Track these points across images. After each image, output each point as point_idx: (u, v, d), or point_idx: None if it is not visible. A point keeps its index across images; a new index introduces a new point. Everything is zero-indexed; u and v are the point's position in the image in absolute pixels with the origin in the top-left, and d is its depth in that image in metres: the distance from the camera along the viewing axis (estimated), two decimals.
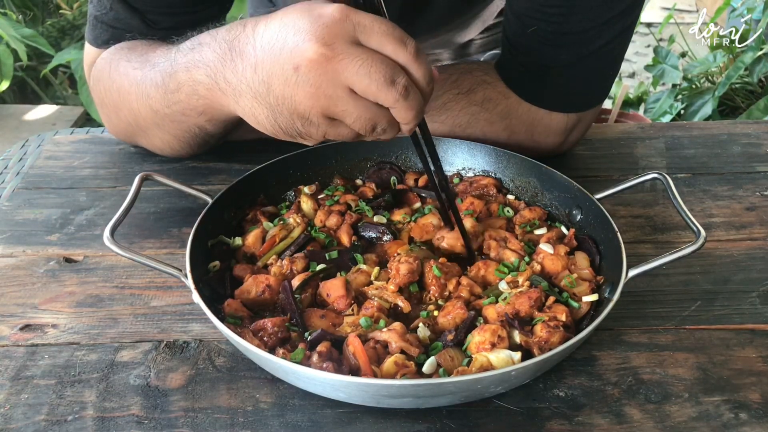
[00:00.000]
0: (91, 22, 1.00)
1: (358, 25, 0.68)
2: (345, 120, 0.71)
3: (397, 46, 0.68)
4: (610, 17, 0.92)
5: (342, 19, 0.68)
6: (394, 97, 0.68)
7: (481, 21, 1.34)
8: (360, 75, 0.67)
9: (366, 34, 0.68)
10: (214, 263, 0.81)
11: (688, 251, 0.72)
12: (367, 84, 0.67)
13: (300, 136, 0.75)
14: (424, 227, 0.87)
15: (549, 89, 0.99)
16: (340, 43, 0.67)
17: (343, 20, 0.68)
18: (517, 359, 0.67)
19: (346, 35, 0.68)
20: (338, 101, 0.69)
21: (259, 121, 0.76)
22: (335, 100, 0.69)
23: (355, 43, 0.68)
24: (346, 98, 0.69)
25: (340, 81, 0.68)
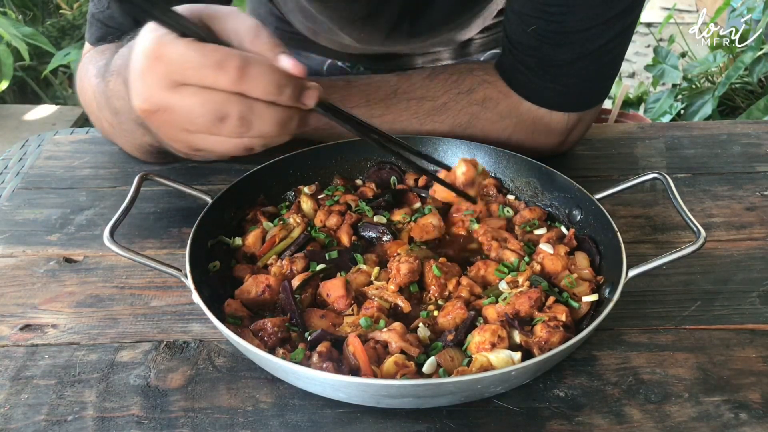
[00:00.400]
0: (89, 19, 1.01)
1: (170, 66, 0.65)
2: (206, 149, 0.71)
3: (216, 75, 0.65)
4: (611, 16, 0.92)
5: (152, 67, 0.66)
6: (232, 132, 0.67)
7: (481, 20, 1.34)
8: (188, 121, 0.67)
9: (180, 73, 0.65)
10: (214, 263, 0.81)
11: (688, 251, 0.72)
12: (199, 126, 0.67)
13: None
14: (424, 227, 0.87)
15: (549, 88, 0.99)
16: (157, 98, 0.67)
17: (154, 66, 0.66)
18: (517, 359, 0.67)
19: (161, 84, 0.67)
20: (190, 141, 0.70)
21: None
22: (185, 141, 0.70)
23: (173, 87, 0.66)
24: (193, 138, 0.69)
25: (176, 128, 0.68)
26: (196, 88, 0.66)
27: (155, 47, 0.66)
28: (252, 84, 0.66)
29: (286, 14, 1.39)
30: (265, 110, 0.68)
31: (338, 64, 1.43)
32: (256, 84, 0.66)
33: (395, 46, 1.31)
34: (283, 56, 0.67)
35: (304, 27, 1.37)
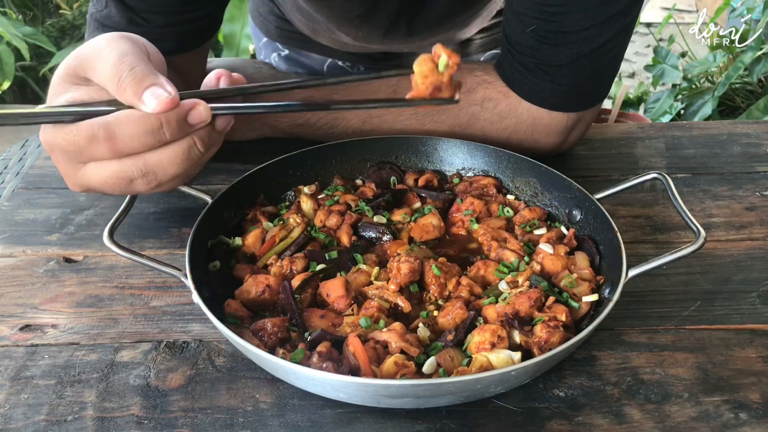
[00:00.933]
0: (88, 20, 1.01)
1: (64, 154, 0.70)
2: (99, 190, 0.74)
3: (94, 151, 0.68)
4: (610, 16, 0.92)
5: (55, 159, 0.73)
6: (147, 187, 0.71)
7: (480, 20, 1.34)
8: (110, 190, 0.73)
9: (73, 157, 0.70)
10: (214, 263, 0.80)
11: (688, 251, 0.72)
12: (120, 191, 0.72)
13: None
14: (424, 227, 0.87)
15: (549, 88, 0.99)
16: (78, 181, 0.73)
17: (56, 158, 0.72)
18: (517, 359, 0.67)
19: (71, 170, 0.72)
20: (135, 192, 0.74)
21: None
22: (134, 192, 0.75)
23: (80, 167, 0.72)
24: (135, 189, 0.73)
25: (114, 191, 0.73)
26: (95, 163, 0.70)
27: (45, 144, 0.71)
28: (126, 144, 0.67)
29: (287, 13, 1.39)
30: (159, 157, 0.69)
31: (338, 63, 1.44)
32: (130, 142, 0.67)
33: (394, 44, 1.31)
34: (148, 96, 0.66)
35: (303, 26, 1.37)
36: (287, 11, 1.38)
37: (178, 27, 0.96)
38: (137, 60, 0.68)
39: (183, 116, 0.68)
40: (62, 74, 0.72)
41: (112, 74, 0.67)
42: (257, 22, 1.51)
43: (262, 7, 1.47)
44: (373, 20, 1.20)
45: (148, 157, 0.69)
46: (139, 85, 0.66)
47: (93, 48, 0.70)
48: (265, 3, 1.45)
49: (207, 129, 0.70)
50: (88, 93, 0.70)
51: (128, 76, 0.67)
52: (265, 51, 1.52)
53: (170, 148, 0.69)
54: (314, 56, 1.44)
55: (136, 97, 0.66)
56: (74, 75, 0.71)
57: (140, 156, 0.68)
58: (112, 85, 0.67)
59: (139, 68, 0.67)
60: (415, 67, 0.73)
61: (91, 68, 0.69)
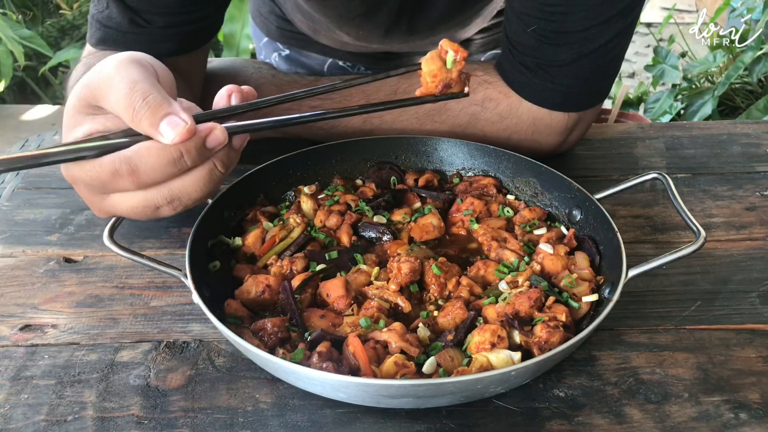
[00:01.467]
0: (89, 21, 1.00)
1: (88, 185, 0.71)
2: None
3: (118, 184, 0.68)
4: (611, 16, 0.92)
5: (79, 190, 0.73)
6: (172, 212, 0.71)
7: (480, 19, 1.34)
8: (136, 217, 0.73)
9: (98, 188, 0.71)
10: (214, 263, 0.80)
11: (688, 251, 0.72)
12: (147, 218, 0.73)
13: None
14: (424, 227, 0.87)
15: (550, 88, 0.99)
16: (103, 209, 0.74)
17: (80, 190, 0.73)
18: (517, 359, 0.67)
19: (95, 198, 0.73)
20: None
21: None
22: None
23: (104, 197, 0.72)
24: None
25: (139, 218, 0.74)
26: (119, 194, 0.70)
27: (68, 177, 0.72)
28: (149, 177, 0.67)
29: (287, 13, 1.39)
30: (183, 183, 0.69)
31: (339, 63, 1.44)
32: (153, 174, 0.67)
33: (394, 44, 1.31)
34: (163, 126, 0.66)
35: (304, 25, 1.37)
36: (288, 11, 1.38)
37: (178, 28, 0.96)
38: (149, 87, 0.67)
39: (201, 143, 0.67)
40: (75, 105, 0.71)
41: (125, 105, 0.66)
42: (258, 22, 1.51)
43: (262, 7, 1.47)
44: (374, 20, 1.20)
45: (171, 185, 0.69)
46: (154, 115, 0.66)
47: (102, 76, 0.69)
48: (265, 3, 1.45)
49: (225, 150, 0.70)
50: (104, 123, 0.70)
51: (142, 107, 0.66)
52: (265, 51, 1.53)
53: (192, 174, 0.69)
54: (315, 56, 1.44)
55: (153, 128, 0.66)
56: (87, 105, 0.71)
57: (164, 185, 0.69)
58: (127, 116, 0.67)
59: (152, 97, 0.67)
60: (424, 66, 0.73)
61: (104, 97, 0.69)
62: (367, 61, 1.42)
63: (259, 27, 1.51)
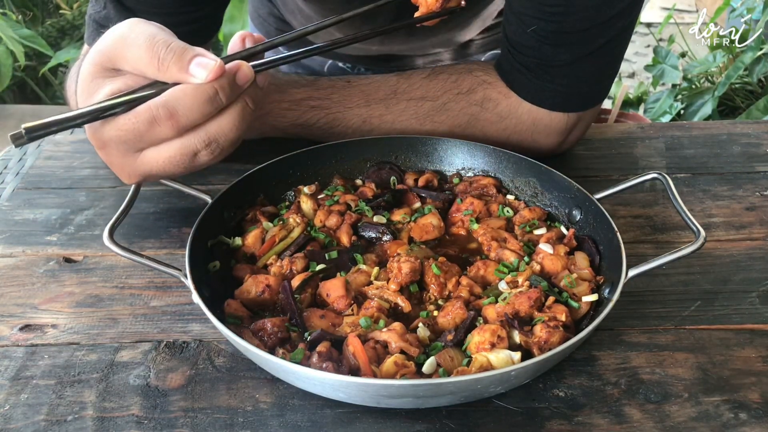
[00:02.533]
0: (87, 21, 1.00)
1: (118, 146, 0.70)
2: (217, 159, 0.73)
3: (156, 133, 0.67)
4: (610, 16, 0.92)
5: (107, 156, 0.72)
6: (212, 157, 0.71)
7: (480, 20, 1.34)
8: (174, 171, 0.72)
9: (130, 146, 0.70)
10: (214, 263, 0.81)
11: (688, 251, 0.72)
12: (185, 170, 0.72)
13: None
14: (423, 227, 0.87)
15: (549, 89, 0.99)
16: (136, 172, 0.72)
17: (108, 155, 0.72)
18: (516, 359, 0.67)
19: (126, 162, 0.72)
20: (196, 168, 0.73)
21: None
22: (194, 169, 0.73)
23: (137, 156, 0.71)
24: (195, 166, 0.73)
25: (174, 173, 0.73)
26: (154, 148, 0.69)
27: (96, 142, 0.70)
28: (188, 118, 0.67)
29: (286, 15, 1.39)
30: (220, 123, 0.69)
31: (338, 64, 1.44)
32: (192, 115, 0.67)
33: (394, 45, 1.31)
34: (193, 67, 0.66)
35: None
36: (287, 13, 1.38)
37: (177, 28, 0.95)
38: (169, 37, 0.68)
39: (232, 79, 0.68)
40: (90, 71, 0.71)
41: (149, 56, 0.66)
42: (256, 24, 1.51)
43: (261, 9, 1.47)
44: (373, 22, 1.20)
45: (208, 127, 0.69)
46: (181, 59, 0.66)
47: (116, 37, 0.69)
48: (264, 5, 1.45)
49: (253, 86, 0.71)
50: (125, 82, 0.70)
51: (167, 54, 0.66)
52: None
53: (228, 113, 0.69)
54: (314, 57, 1.44)
55: (183, 72, 0.66)
56: (103, 69, 0.70)
57: (201, 128, 0.68)
58: (152, 67, 0.67)
59: (174, 44, 0.67)
60: None
61: (121, 57, 0.69)
62: (366, 62, 1.42)
63: (258, 29, 1.51)
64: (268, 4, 1.43)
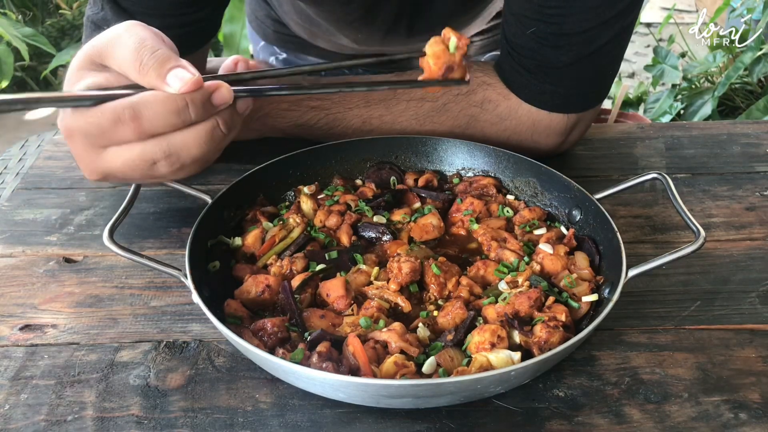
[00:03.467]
0: (85, 22, 1.00)
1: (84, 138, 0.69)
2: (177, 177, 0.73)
3: (118, 132, 0.67)
4: (610, 17, 0.91)
5: (73, 146, 0.71)
6: (170, 170, 0.70)
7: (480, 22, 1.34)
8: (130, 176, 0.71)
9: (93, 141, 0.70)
10: (214, 263, 0.81)
11: (688, 251, 0.72)
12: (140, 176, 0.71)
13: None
14: (423, 227, 0.87)
15: (549, 90, 0.99)
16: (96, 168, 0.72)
17: (74, 145, 0.71)
18: (516, 359, 0.67)
19: (89, 156, 0.71)
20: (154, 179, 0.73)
21: None
22: (149, 180, 0.73)
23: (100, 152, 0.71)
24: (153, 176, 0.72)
25: (132, 179, 0.73)
26: (116, 147, 0.69)
27: (64, 130, 0.70)
28: (152, 124, 0.67)
29: (283, 17, 1.39)
30: (183, 138, 0.69)
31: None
32: (155, 122, 0.67)
33: (393, 46, 1.31)
34: (172, 77, 0.66)
35: (301, 29, 1.37)
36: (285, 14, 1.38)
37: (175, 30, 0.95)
38: (157, 44, 0.68)
39: (207, 97, 0.68)
40: (79, 62, 0.72)
41: (132, 58, 0.67)
42: (254, 26, 1.51)
43: (259, 11, 1.47)
44: (373, 22, 1.20)
45: (171, 138, 0.68)
46: (162, 67, 0.66)
47: (111, 35, 0.70)
48: (262, 6, 1.45)
49: (229, 110, 0.71)
50: (107, 78, 0.70)
51: (150, 59, 0.66)
52: (262, 54, 1.52)
53: (194, 129, 0.69)
54: (312, 59, 1.44)
55: (159, 79, 0.66)
56: (91, 62, 0.71)
57: (164, 137, 0.68)
58: (133, 69, 0.67)
59: (160, 51, 0.67)
60: (427, 49, 0.76)
61: (110, 55, 0.69)
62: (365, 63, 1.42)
63: (256, 31, 1.51)
64: (265, 6, 1.43)
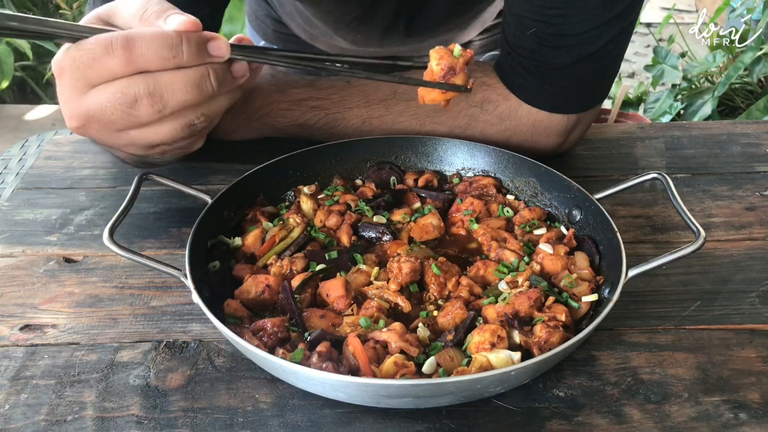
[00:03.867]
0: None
1: (73, 73, 0.70)
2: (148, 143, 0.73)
3: (106, 62, 0.67)
4: (610, 18, 0.91)
5: (61, 84, 0.72)
6: (150, 112, 0.69)
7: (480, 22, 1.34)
8: (108, 120, 0.71)
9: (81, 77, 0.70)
10: (214, 263, 0.81)
11: (688, 251, 0.72)
12: (118, 120, 0.70)
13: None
14: (423, 227, 0.87)
15: (549, 91, 0.99)
16: (77, 110, 0.72)
17: (62, 82, 0.72)
18: (516, 359, 0.67)
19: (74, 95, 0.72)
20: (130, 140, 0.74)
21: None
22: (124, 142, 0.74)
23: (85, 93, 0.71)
24: (129, 135, 0.73)
25: (108, 132, 0.73)
26: (102, 85, 0.69)
27: (56, 67, 0.70)
28: (142, 55, 0.66)
29: (284, 17, 1.39)
30: (171, 78, 0.68)
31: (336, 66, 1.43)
32: (147, 54, 0.66)
33: (392, 47, 1.31)
34: (172, 17, 0.67)
35: (301, 30, 1.37)
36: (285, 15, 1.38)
37: None
38: (164, 1, 0.70)
39: (203, 41, 0.69)
40: (87, 19, 0.73)
41: (137, 10, 0.68)
42: (254, 26, 1.51)
43: (258, 11, 1.47)
44: (371, 22, 1.20)
45: (159, 76, 0.68)
46: (163, 12, 0.68)
47: (113, 3, 0.72)
48: (261, 6, 1.45)
49: (223, 67, 0.71)
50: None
51: (154, 6, 0.68)
52: None
53: (183, 71, 0.69)
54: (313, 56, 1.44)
55: (159, 20, 0.67)
56: (98, 20, 0.72)
57: (151, 75, 0.68)
58: (137, 18, 0.68)
59: (166, 4, 0.69)
60: (431, 53, 0.78)
61: (117, 14, 0.71)
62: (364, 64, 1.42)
63: (256, 30, 1.51)
64: (265, 5, 1.43)
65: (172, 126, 0.71)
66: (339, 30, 1.25)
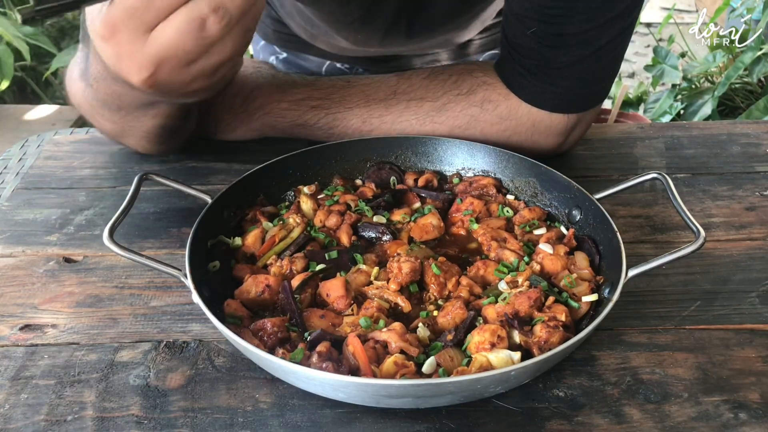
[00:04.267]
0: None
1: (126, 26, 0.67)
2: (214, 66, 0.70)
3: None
4: (610, 18, 0.91)
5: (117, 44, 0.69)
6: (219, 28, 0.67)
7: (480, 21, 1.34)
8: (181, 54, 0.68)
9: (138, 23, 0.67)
10: (214, 263, 0.81)
11: (688, 251, 0.72)
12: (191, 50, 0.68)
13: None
14: (423, 227, 0.87)
15: (549, 91, 0.99)
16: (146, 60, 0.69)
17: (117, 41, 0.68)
18: (516, 359, 0.67)
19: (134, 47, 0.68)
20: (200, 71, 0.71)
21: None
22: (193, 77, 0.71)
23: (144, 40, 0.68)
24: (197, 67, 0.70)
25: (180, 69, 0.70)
26: (162, 23, 0.67)
27: (106, 28, 0.68)
28: None
29: (284, 17, 1.39)
30: None
31: (337, 65, 1.43)
32: None
33: (392, 47, 1.31)
34: None
35: (302, 30, 1.37)
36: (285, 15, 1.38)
37: None
38: None
39: None
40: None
41: None
42: None
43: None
44: (372, 23, 1.20)
45: None
46: None
47: None
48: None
49: None
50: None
51: None
52: (262, 54, 1.52)
53: None
54: (312, 58, 1.44)
55: None
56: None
57: None
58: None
59: None
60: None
61: None
62: (365, 63, 1.42)
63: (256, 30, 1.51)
64: (266, 6, 1.43)
65: (236, 38, 0.70)
66: (340, 30, 1.25)
